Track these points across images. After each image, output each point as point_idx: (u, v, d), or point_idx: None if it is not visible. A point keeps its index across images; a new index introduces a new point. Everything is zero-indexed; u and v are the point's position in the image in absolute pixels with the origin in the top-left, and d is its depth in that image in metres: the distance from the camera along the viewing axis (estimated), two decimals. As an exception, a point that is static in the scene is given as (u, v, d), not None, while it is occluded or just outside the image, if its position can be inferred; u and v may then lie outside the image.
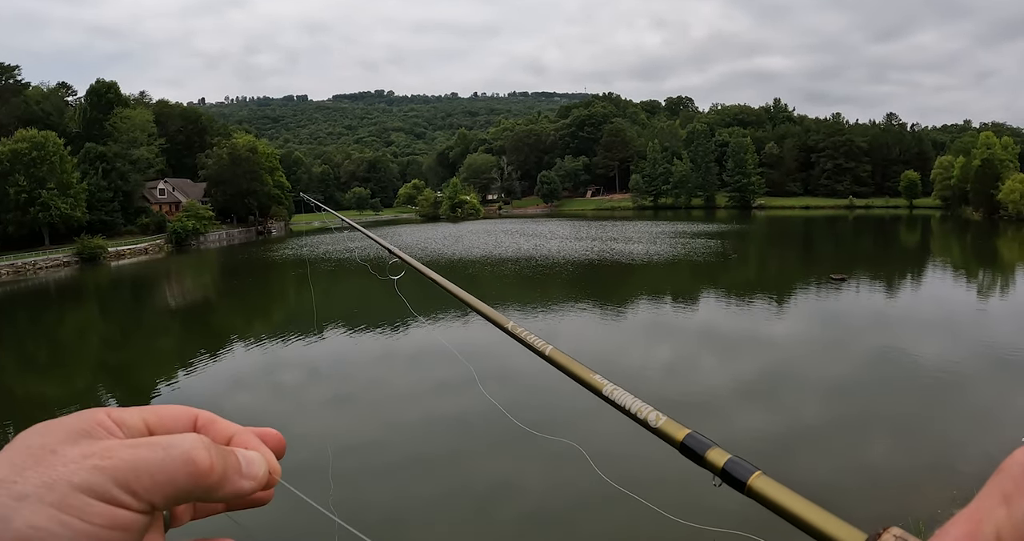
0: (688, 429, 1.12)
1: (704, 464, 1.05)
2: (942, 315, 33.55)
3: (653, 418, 1.18)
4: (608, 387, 1.33)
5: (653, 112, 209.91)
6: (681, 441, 1.10)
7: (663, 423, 1.16)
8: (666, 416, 1.17)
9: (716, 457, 1.03)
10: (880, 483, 14.22)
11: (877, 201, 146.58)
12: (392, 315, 34.19)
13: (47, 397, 25.41)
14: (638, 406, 1.23)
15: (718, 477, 1.02)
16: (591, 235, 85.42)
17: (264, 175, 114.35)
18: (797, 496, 0.89)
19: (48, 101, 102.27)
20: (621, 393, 1.30)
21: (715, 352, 27.28)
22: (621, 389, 1.30)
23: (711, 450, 1.05)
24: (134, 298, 54.73)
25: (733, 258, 62.23)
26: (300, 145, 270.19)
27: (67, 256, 76.33)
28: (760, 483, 0.94)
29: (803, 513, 0.85)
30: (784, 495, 0.90)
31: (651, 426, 1.18)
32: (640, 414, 1.21)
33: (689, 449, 1.09)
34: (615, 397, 1.30)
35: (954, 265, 56.40)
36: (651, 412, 1.20)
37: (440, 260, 60.94)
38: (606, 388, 1.33)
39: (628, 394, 1.28)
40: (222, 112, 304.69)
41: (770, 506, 0.91)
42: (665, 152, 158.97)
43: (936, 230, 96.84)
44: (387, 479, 15.46)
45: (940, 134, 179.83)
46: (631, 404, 1.24)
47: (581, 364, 1.49)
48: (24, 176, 76.62)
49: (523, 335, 1.76)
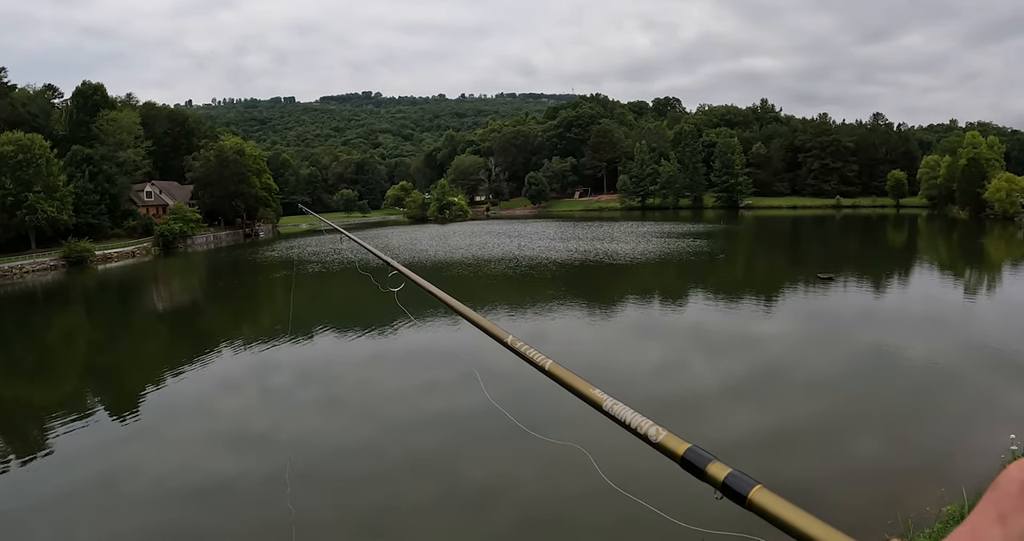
0: (688, 444, 1.13)
1: (705, 478, 1.06)
2: (930, 313, 33.72)
3: (653, 433, 1.19)
4: (608, 402, 1.35)
5: (640, 113, 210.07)
6: (682, 455, 1.12)
7: (663, 438, 1.18)
8: (666, 430, 1.18)
9: (717, 471, 1.04)
10: (869, 481, 14.30)
11: (864, 201, 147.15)
12: (386, 317, 34.21)
13: (34, 402, 25.32)
14: (638, 421, 1.24)
15: (719, 491, 1.03)
16: (579, 235, 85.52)
17: (251, 177, 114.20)
18: (797, 509, 0.89)
19: (34, 103, 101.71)
20: (621, 408, 1.31)
21: (704, 352, 27.34)
22: (621, 404, 1.32)
23: (711, 464, 1.05)
24: (121, 301, 54.53)
25: (720, 258, 62.43)
26: (288, 147, 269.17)
27: (54, 259, 75.91)
28: (760, 496, 0.96)
29: (804, 527, 0.86)
30: (784, 508, 0.90)
31: (652, 441, 1.19)
32: (640, 429, 1.22)
33: (690, 463, 1.10)
34: (615, 412, 1.32)
35: (941, 264, 56.72)
36: (651, 427, 1.20)
37: (428, 263, 60.98)
38: (606, 403, 1.35)
39: (628, 409, 1.30)
40: (209, 114, 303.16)
41: (771, 519, 0.92)
42: (652, 153, 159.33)
43: (923, 229, 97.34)
44: (382, 482, 15.51)
45: (927, 134, 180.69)
46: (631, 419, 1.26)
47: (581, 378, 1.50)
48: (10, 179, 76.17)
49: (523, 349, 1.80)
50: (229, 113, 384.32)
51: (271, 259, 76.09)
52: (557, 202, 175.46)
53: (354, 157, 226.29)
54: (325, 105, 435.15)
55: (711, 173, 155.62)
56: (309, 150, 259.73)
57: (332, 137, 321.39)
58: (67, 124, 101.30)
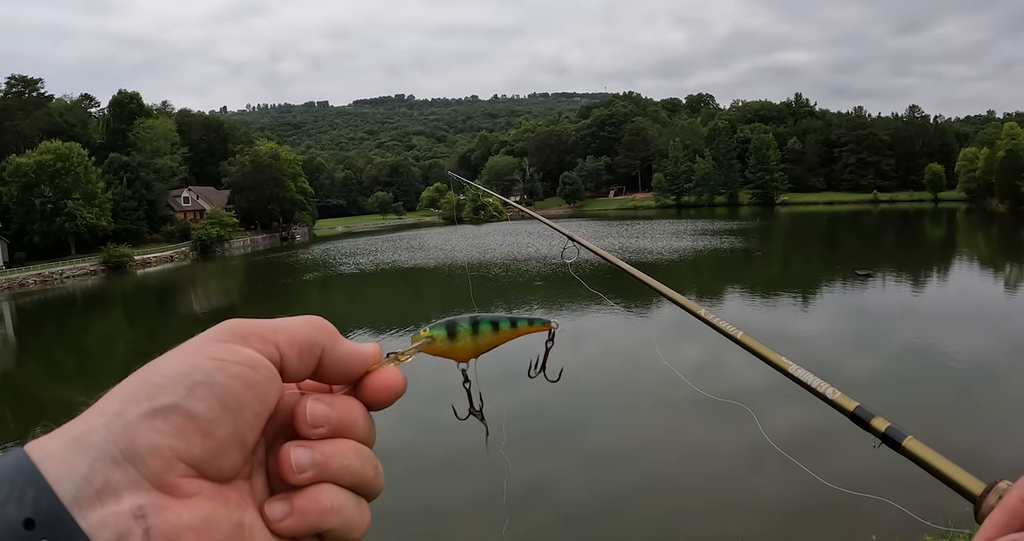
0: (857, 402, 1.35)
1: (869, 429, 1.28)
2: (970, 309, 33.11)
3: (830, 393, 1.41)
4: (793, 367, 1.56)
5: (674, 110, 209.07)
6: (852, 411, 1.35)
7: (838, 397, 1.40)
8: (840, 391, 1.39)
9: (879, 424, 1.26)
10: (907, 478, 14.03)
11: (901, 195, 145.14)
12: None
13: (74, 403, 25.50)
14: (817, 382, 1.46)
15: (879, 439, 1.25)
16: (612, 233, 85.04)
17: (287, 181, 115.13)
18: (936, 454, 1.13)
19: (71, 113, 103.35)
20: (804, 372, 1.53)
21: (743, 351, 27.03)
22: (803, 369, 1.52)
23: (875, 419, 1.28)
24: (160, 305, 55.07)
25: (757, 256, 61.86)
26: (322, 151, 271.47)
27: (93, 265, 77.03)
28: (911, 444, 1.18)
29: (941, 466, 1.11)
30: (928, 453, 1.14)
31: (828, 398, 1.42)
32: (820, 389, 1.45)
33: (858, 417, 1.32)
34: (799, 375, 1.54)
35: (980, 258, 55.76)
36: (828, 387, 1.43)
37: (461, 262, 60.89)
38: (791, 367, 1.56)
39: (809, 373, 1.51)
40: (244, 120, 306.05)
41: (918, 461, 1.15)
42: (687, 150, 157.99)
43: (961, 223, 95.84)
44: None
45: (963, 125, 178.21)
46: (812, 381, 1.48)
47: (768, 348, 1.71)
48: (49, 187, 77.50)
49: (715, 321, 2.01)
50: (263, 118, 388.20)
51: (307, 261, 76.33)
52: (592, 201, 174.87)
53: (388, 159, 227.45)
54: (358, 108, 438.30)
55: (746, 169, 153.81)
56: (343, 153, 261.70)
57: (366, 140, 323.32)
58: (104, 132, 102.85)
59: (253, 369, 0.63)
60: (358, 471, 0.69)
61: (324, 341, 0.70)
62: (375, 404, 0.74)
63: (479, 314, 0.78)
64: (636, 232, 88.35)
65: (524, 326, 0.80)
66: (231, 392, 0.61)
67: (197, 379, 0.60)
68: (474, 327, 0.78)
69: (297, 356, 0.68)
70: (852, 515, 11.21)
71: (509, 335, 0.79)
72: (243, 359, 0.63)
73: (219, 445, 0.60)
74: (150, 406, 0.59)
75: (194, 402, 0.59)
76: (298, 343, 0.67)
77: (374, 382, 0.73)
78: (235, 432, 0.61)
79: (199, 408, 0.59)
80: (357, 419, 0.71)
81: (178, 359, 0.63)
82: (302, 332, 0.68)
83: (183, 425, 0.59)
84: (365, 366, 0.74)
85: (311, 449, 0.67)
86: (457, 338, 0.77)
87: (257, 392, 0.63)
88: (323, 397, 0.71)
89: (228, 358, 0.63)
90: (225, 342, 0.65)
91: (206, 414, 0.60)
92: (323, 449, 0.68)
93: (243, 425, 0.62)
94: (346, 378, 0.74)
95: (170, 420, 0.58)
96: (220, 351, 0.63)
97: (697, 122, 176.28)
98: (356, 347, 0.73)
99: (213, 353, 0.63)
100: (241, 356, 0.63)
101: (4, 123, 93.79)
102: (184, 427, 0.58)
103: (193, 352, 0.64)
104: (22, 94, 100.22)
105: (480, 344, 0.78)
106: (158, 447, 0.57)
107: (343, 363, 0.72)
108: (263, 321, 0.68)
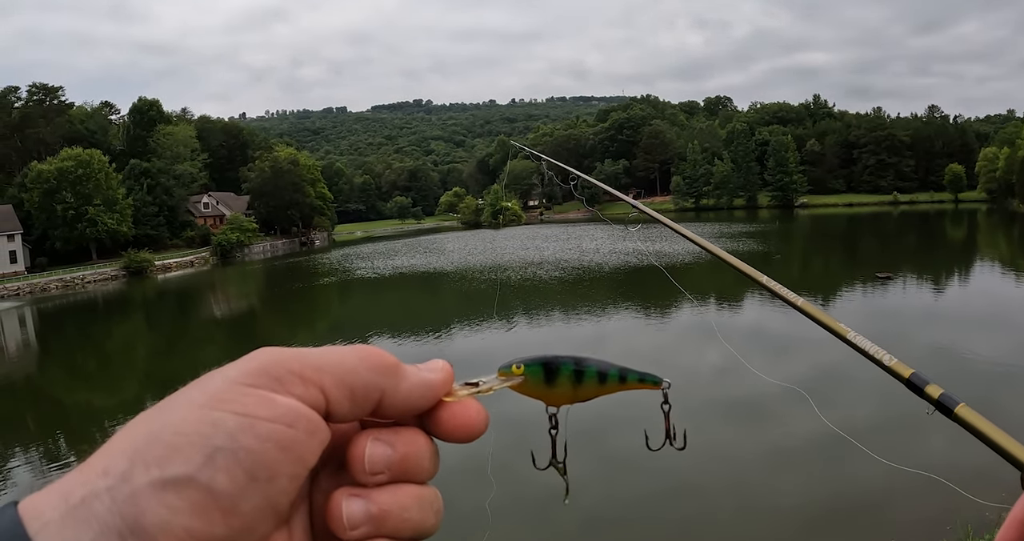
0: (912, 369, 1.35)
1: (923, 395, 1.28)
2: (992, 312, 32.84)
3: (887, 359, 1.42)
4: (851, 334, 1.59)
5: (692, 113, 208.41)
6: (907, 378, 1.35)
7: (894, 363, 1.41)
8: (896, 358, 1.40)
9: (932, 391, 1.26)
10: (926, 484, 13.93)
11: (922, 196, 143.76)
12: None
13: (95, 407, 25.78)
14: (875, 349, 1.48)
15: (932, 406, 1.24)
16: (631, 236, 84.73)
17: (306, 187, 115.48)
18: (988, 422, 1.13)
19: (92, 120, 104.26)
20: (862, 339, 1.56)
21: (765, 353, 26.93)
22: (862, 336, 1.55)
23: (929, 386, 1.27)
24: (180, 310, 55.43)
25: (777, 259, 61.58)
26: (341, 156, 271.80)
27: (114, 270, 77.73)
28: (963, 411, 1.18)
29: (991, 434, 1.11)
30: (980, 422, 1.14)
31: (884, 364, 1.43)
32: (877, 355, 1.46)
33: (913, 384, 1.32)
34: (857, 341, 1.57)
35: (1002, 260, 55.25)
36: (885, 354, 1.44)
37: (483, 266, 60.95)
38: (850, 334, 1.59)
39: (867, 340, 1.54)
40: (263, 126, 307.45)
41: (969, 428, 1.15)
42: (705, 153, 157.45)
43: (982, 224, 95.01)
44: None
45: (984, 125, 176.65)
46: (869, 347, 1.50)
47: (828, 315, 1.78)
48: (71, 193, 78.34)
49: (775, 288, 2.18)
50: (282, 124, 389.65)
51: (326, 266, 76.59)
52: (610, 205, 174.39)
53: (407, 164, 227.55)
54: (377, 114, 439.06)
55: (765, 172, 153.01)
56: (362, 159, 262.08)
57: (384, 145, 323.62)
58: (124, 139, 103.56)
59: (290, 426, 0.53)
60: (419, 524, 0.59)
61: (383, 383, 0.59)
62: (447, 440, 0.64)
63: (584, 358, 0.70)
64: (655, 235, 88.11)
65: (634, 381, 0.73)
66: (261, 460, 0.51)
67: (218, 444, 0.50)
68: (577, 375, 0.70)
69: (348, 400, 0.57)
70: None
71: (614, 389, 0.72)
72: (277, 414, 0.53)
73: (244, 523, 0.50)
74: (160, 475, 0.49)
75: (214, 474, 0.49)
76: (349, 385, 0.57)
77: (450, 418, 0.63)
78: (265, 504, 0.52)
79: (220, 482, 0.49)
80: (423, 459, 0.61)
81: (196, 411, 0.52)
82: (355, 371, 0.58)
83: (200, 502, 0.49)
84: (435, 399, 0.63)
85: (366, 500, 0.58)
86: (555, 385, 0.70)
87: (294, 454, 0.53)
88: (384, 434, 0.61)
89: (258, 414, 0.52)
90: (255, 388, 0.54)
91: (228, 489, 0.50)
92: (380, 499, 0.58)
93: (276, 494, 0.52)
94: (409, 415, 0.63)
95: (184, 495, 0.48)
96: (248, 403, 0.53)
97: (715, 124, 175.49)
98: (422, 379, 0.62)
99: (239, 406, 0.53)
100: (275, 411, 0.53)
101: (26, 130, 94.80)
102: (201, 504, 0.49)
103: (215, 401, 0.53)
104: (43, 102, 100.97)
105: (579, 394, 0.71)
106: (170, 526, 0.47)
107: (406, 404, 0.61)
108: (304, 353, 0.57)
